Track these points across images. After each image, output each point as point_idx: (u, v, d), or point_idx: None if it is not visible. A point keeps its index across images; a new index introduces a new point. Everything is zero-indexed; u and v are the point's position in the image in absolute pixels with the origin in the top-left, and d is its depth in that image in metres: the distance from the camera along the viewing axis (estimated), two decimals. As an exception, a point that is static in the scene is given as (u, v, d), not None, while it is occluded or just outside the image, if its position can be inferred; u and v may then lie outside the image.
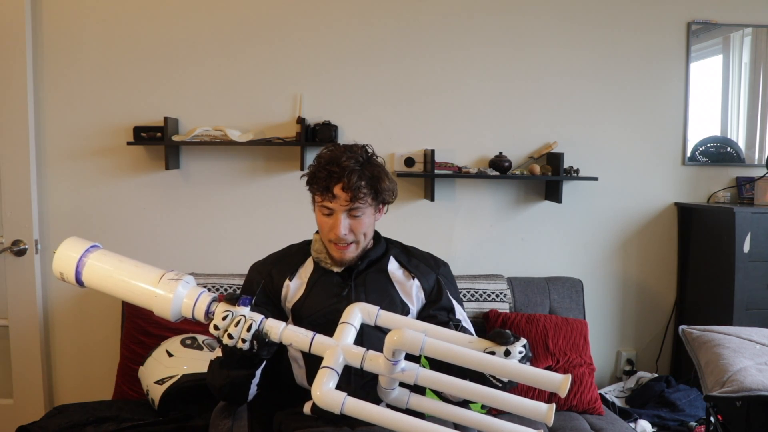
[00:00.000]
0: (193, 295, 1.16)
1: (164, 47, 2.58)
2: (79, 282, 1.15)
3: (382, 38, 2.65)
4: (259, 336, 1.17)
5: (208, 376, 1.40)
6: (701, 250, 2.72)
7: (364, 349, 1.12)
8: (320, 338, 1.13)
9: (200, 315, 1.15)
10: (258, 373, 1.37)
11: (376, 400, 1.47)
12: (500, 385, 1.19)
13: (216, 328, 1.14)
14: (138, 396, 2.29)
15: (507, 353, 1.14)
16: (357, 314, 1.17)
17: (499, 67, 2.70)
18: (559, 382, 0.99)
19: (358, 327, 1.17)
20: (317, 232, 1.57)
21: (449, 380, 1.06)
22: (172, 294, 1.13)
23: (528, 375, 1.03)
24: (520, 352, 1.15)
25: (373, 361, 1.08)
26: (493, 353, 1.14)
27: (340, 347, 1.08)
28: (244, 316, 1.13)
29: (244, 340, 1.13)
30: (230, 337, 1.12)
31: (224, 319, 1.13)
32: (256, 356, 1.26)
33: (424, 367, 1.74)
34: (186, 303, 1.15)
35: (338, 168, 1.41)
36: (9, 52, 2.48)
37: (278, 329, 1.15)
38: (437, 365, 1.35)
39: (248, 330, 1.12)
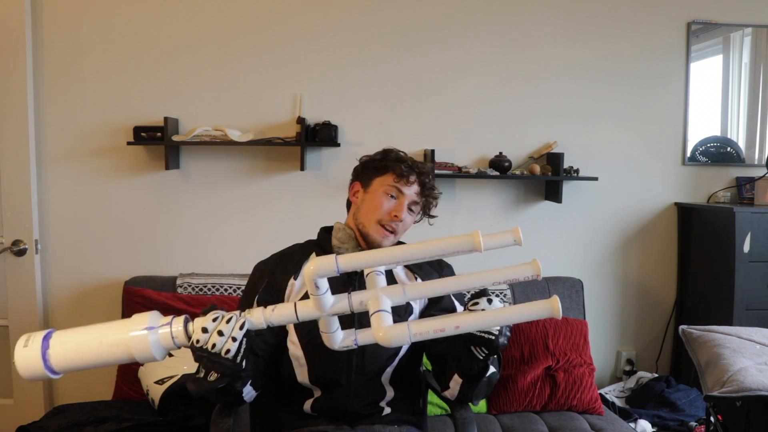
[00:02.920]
0: (165, 321, 1.07)
1: (164, 47, 2.58)
2: (51, 371, 1.02)
3: (382, 38, 2.65)
4: (249, 333, 1.11)
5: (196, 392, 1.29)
6: (701, 250, 2.72)
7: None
8: (301, 304, 1.06)
9: (180, 336, 1.06)
10: (247, 389, 1.34)
11: (376, 400, 1.48)
12: (486, 353, 1.24)
13: (204, 330, 1.07)
14: (138, 396, 2.29)
15: (490, 301, 1.18)
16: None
17: (499, 67, 2.70)
18: (550, 306, 0.98)
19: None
20: (342, 223, 1.55)
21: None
22: (145, 326, 1.04)
23: (519, 312, 1.02)
24: (501, 301, 1.22)
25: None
26: (477, 304, 1.18)
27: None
28: (235, 314, 1.10)
29: (234, 338, 1.09)
30: (221, 333, 1.09)
31: (214, 320, 1.08)
32: (230, 386, 1.20)
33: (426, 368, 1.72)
34: (163, 332, 1.05)
35: (421, 165, 1.53)
36: (9, 52, 2.48)
37: (260, 314, 1.10)
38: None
39: (240, 328, 1.08)
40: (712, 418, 2.00)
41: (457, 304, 1.55)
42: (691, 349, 2.10)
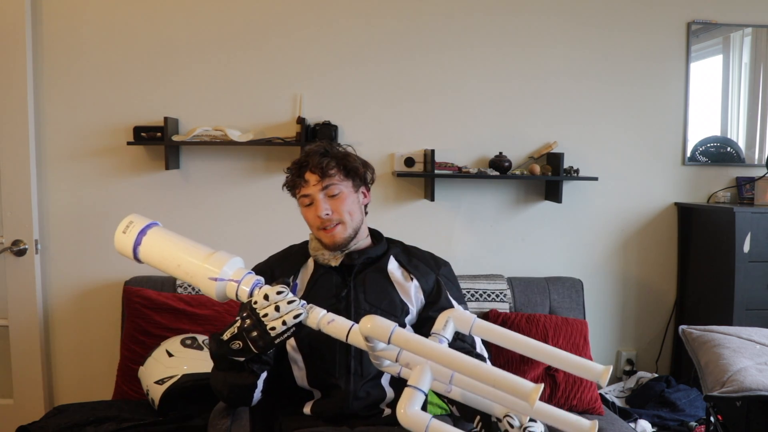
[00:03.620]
0: (237, 276, 1.15)
1: (164, 47, 2.58)
2: (136, 256, 1.19)
3: (382, 38, 2.65)
4: (298, 325, 1.14)
5: (211, 380, 1.39)
6: (701, 250, 2.72)
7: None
8: (356, 333, 1.08)
9: (243, 296, 1.14)
10: (260, 383, 1.36)
11: (376, 401, 1.48)
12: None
13: (266, 298, 1.11)
14: (138, 396, 2.29)
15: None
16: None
17: (499, 67, 2.70)
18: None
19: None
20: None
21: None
22: (217, 274, 1.14)
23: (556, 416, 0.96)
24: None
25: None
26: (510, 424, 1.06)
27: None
28: (297, 300, 1.12)
29: (284, 323, 1.11)
30: (277, 309, 1.10)
31: (279, 293, 1.11)
32: (246, 363, 1.24)
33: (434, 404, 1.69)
34: (230, 285, 1.14)
35: (305, 156, 1.52)
36: (9, 52, 2.48)
37: (316, 317, 1.12)
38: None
39: (295, 317, 1.10)
40: (712, 418, 2.00)
41: (455, 303, 1.54)
42: (691, 349, 2.10)
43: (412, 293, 1.53)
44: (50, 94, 2.56)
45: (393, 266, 1.56)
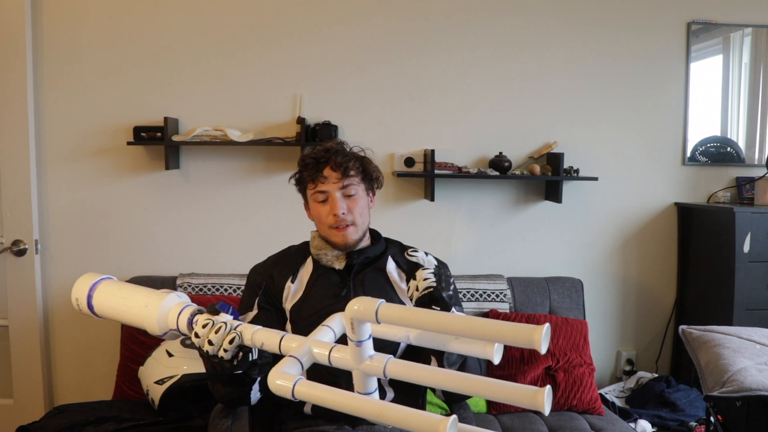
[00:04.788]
0: (179, 306, 1.14)
1: (164, 47, 2.58)
2: (91, 307, 1.19)
3: (382, 38, 2.65)
4: (243, 347, 1.10)
5: (209, 383, 1.39)
6: (701, 250, 2.72)
7: (332, 343, 1.04)
8: (289, 335, 1.04)
9: (183, 325, 1.11)
10: (256, 387, 1.34)
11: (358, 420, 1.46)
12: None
13: (197, 336, 1.09)
14: (138, 396, 2.29)
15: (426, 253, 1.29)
16: (337, 319, 1.06)
17: (499, 67, 2.70)
18: (531, 333, 0.79)
19: (337, 332, 1.06)
20: (314, 230, 1.58)
21: (421, 368, 0.94)
22: (159, 304, 1.12)
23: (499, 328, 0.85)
24: (426, 278, 1.27)
25: (341, 352, 1.02)
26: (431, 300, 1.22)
27: (309, 341, 1.00)
28: (224, 323, 1.09)
29: (225, 350, 1.09)
30: (210, 343, 1.08)
31: (204, 327, 1.08)
32: (245, 374, 1.21)
33: (439, 406, 1.69)
34: (171, 314, 1.12)
35: (325, 152, 1.50)
36: (9, 52, 2.48)
37: (251, 331, 1.10)
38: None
39: (230, 342, 1.06)
40: (712, 418, 2.00)
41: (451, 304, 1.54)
42: (691, 349, 2.10)
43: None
44: (50, 94, 2.56)
45: (391, 266, 1.56)
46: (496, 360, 0.90)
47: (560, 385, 2.29)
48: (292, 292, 1.51)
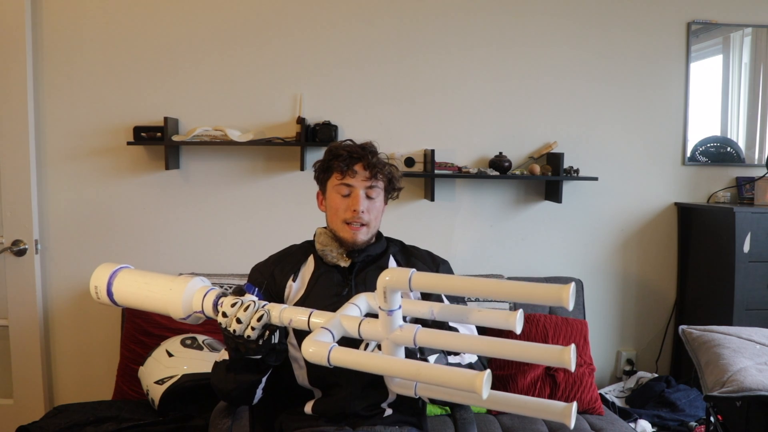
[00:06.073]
0: (203, 290, 1.17)
1: (164, 47, 2.58)
2: (110, 295, 1.21)
3: (382, 38, 2.65)
4: (269, 326, 1.14)
5: (213, 378, 1.39)
6: (701, 250, 2.72)
7: (360, 317, 1.07)
8: (317, 312, 1.09)
9: (209, 307, 1.15)
10: (264, 378, 1.36)
11: (377, 401, 1.48)
12: None
13: (224, 315, 1.13)
14: (138, 396, 2.29)
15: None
16: (362, 298, 1.12)
17: (499, 67, 2.70)
18: (560, 291, 0.85)
19: (363, 309, 1.13)
20: (323, 227, 1.58)
21: (450, 335, 0.98)
22: (184, 287, 1.16)
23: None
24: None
25: (371, 324, 1.04)
26: None
27: (338, 315, 1.04)
28: (253, 301, 1.12)
29: (253, 328, 1.11)
30: (239, 321, 1.11)
31: (233, 306, 1.12)
32: (263, 361, 1.24)
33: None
34: (196, 297, 1.16)
35: (360, 149, 1.53)
36: (9, 52, 2.48)
37: (278, 309, 1.12)
38: None
39: (258, 320, 1.10)
40: (712, 418, 2.00)
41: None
42: (691, 349, 2.10)
43: (411, 292, 1.53)
44: (50, 94, 2.56)
45: (392, 265, 1.57)
46: (518, 329, 0.93)
47: (560, 385, 2.29)
48: (294, 290, 1.51)
